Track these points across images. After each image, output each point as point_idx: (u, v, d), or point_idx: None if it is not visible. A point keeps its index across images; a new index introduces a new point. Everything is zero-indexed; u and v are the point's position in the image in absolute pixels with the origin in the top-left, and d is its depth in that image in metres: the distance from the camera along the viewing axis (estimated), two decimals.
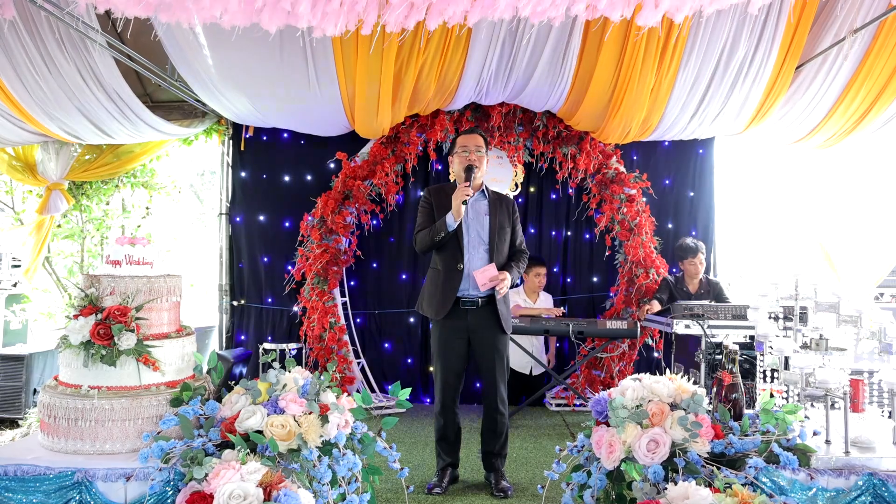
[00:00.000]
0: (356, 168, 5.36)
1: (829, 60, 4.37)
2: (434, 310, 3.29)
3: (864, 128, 4.88)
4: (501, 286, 3.20)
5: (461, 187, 3.15)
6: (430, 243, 3.24)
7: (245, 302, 5.69)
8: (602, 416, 2.49)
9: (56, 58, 3.92)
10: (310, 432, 2.27)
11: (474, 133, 3.39)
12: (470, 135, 3.38)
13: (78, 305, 2.46)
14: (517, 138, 5.46)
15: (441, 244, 3.25)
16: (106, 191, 5.77)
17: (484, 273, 3.19)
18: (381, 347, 5.63)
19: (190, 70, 4.47)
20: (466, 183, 3.17)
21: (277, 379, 2.44)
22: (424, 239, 3.27)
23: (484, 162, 3.34)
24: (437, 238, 3.20)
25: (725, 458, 2.24)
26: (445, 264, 3.28)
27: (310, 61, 4.40)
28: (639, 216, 5.37)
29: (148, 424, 2.40)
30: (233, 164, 5.73)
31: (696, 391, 2.36)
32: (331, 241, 5.27)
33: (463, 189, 3.13)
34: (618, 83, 4.54)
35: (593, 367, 5.39)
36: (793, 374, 2.57)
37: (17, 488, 2.17)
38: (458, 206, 3.14)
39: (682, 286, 5.08)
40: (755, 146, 5.77)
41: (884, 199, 5.59)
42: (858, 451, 2.30)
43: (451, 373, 3.31)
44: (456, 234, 3.24)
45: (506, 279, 3.21)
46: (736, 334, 3.98)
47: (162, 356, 2.48)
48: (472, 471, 3.64)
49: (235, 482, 1.97)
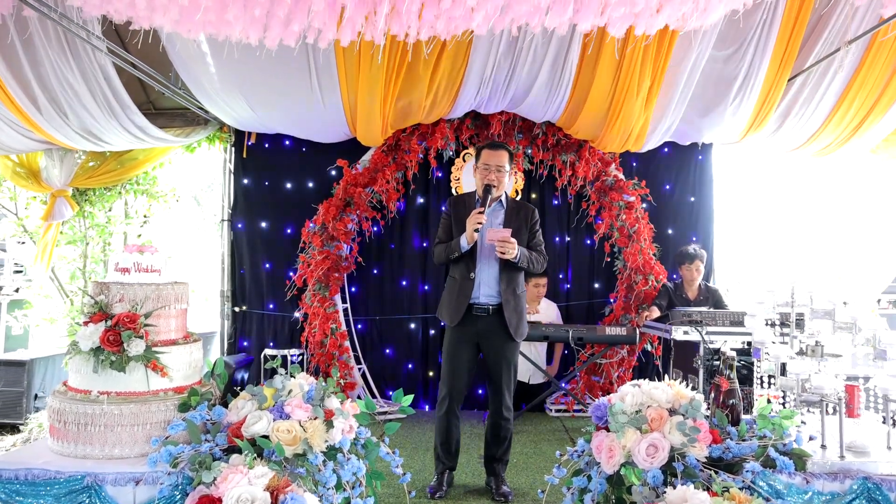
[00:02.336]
0: (357, 175, 5.41)
1: (823, 71, 4.43)
2: (449, 316, 3.36)
3: (862, 136, 4.94)
4: (504, 247, 3.15)
5: (475, 214, 3.19)
6: (446, 259, 3.35)
7: (247, 308, 5.72)
8: (602, 422, 2.53)
9: (61, 66, 3.97)
10: (315, 437, 2.31)
11: (500, 149, 3.35)
12: (495, 150, 3.33)
13: (88, 312, 2.49)
14: (517, 146, 5.51)
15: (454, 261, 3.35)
16: (109, 197, 5.80)
17: (497, 232, 3.21)
18: (382, 353, 5.67)
19: (193, 78, 4.53)
20: (481, 209, 3.20)
21: (283, 385, 2.48)
22: (441, 254, 3.38)
23: (505, 178, 3.34)
24: (451, 256, 3.31)
25: (723, 462, 2.28)
26: (460, 273, 3.36)
27: (312, 69, 4.46)
28: (637, 223, 5.42)
29: (156, 429, 2.43)
30: (235, 171, 5.79)
31: (694, 397, 2.40)
32: (332, 248, 5.31)
33: (476, 217, 3.18)
34: (616, 93, 4.60)
35: (593, 373, 5.43)
36: (789, 380, 2.62)
37: (27, 492, 2.20)
38: (471, 233, 3.20)
39: (681, 293, 5.13)
40: (754, 154, 5.83)
41: (883, 207, 5.64)
42: (853, 455, 2.34)
43: (458, 378, 3.36)
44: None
45: (513, 245, 3.17)
46: (734, 340, 4.02)
47: (170, 362, 2.52)
48: (472, 475, 3.67)
49: (243, 486, 2.01)
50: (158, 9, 2.69)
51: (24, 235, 5.82)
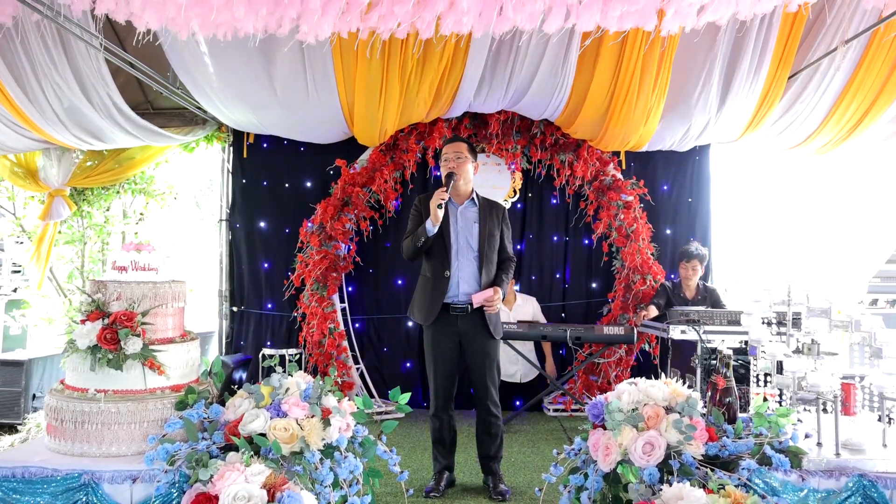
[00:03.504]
0: (355, 175, 5.41)
1: (821, 70, 4.44)
2: (423, 315, 3.35)
3: (860, 135, 4.95)
4: (493, 305, 3.28)
5: (437, 192, 3.21)
6: (414, 249, 3.31)
7: (245, 307, 5.73)
8: (599, 420, 2.54)
9: (59, 65, 3.97)
10: (312, 435, 2.31)
11: (456, 141, 3.45)
12: (451, 143, 3.44)
13: (85, 310, 2.49)
14: (515, 145, 5.52)
15: (424, 250, 3.31)
16: (107, 196, 5.80)
17: (478, 296, 3.28)
18: (380, 353, 5.67)
19: (191, 78, 4.53)
20: (444, 188, 3.23)
21: (280, 383, 2.49)
22: (409, 246, 3.35)
23: (467, 167, 3.37)
24: (418, 244, 3.27)
25: (719, 460, 2.28)
26: (434, 271, 3.34)
27: (309, 70, 4.47)
28: (635, 222, 5.43)
29: (153, 427, 2.43)
30: (233, 171, 5.79)
31: (690, 395, 2.41)
32: (330, 248, 5.32)
33: (439, 194, 3.20)
34: (615, 92, 4.61)
35: (591, 373, 5.43)
36: (785, 379, 2.62)
37: (24, 490, 2.20)
38: (434, 211, 3.19)
39: (679, 292, 5.14)
40: (751, 152, 5.84)
41: (875, 205, 5.67)
42: (849, 453, 2.35)
43: (443, 375, 3.36)
44: (444, 241, 3.30)
45: (498, 295, 3.29)
46: (731, 339, 4.03)
47: (167, 360, 2.52)
48: (469, 474, 3.68)
49: (240, 484, 2.01)
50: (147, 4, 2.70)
51: (22, 235, 5.82)
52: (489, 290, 3.29)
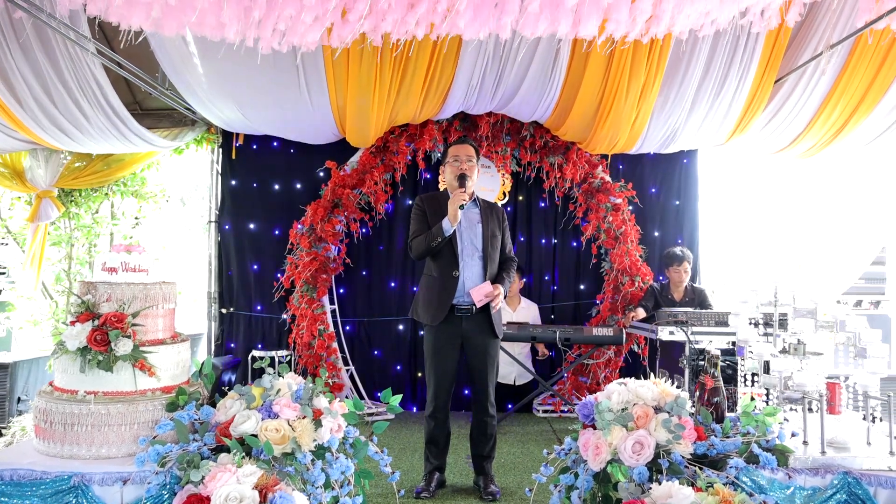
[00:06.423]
0: (345, 177, 5.41)
1: (807, 74, 4.50)
2: (430, 316, 3.34)
3: (844, 138, 5.02)
4: (496, 301, 3.29)
5: (457, 193, 3.22)
6: (427, 248, 3.29)
7: (234, 309, 5.70)
8: (589, 420, 2.56)
9: (44, 65, 3.94)
10: (303, 436, 2.31)
11: (465, 143, 3.47)
12: (461, 145, 3.46)
13: (75, 312, 2.48)
14: (504, 148, 5.55)
15: (437, 250, 3.31)
16: (95, 198, 5.76)
17: (479, 290, 3.27)
18: (370, 355, 5.67)
19: (181, 78, 4.50)
20: (462, 189, 3.25)
21: (271, 384, 2.48)
22: (421, 245, 3.32)
23: (475, 171, 3.42)
24: (433, 244, 3.26)
25: (707, 458, 2.31)
26: (441, 271, 3.34)
27: (300, 71, 4.46)
28: (624, 225, 5.47)
29: (144, 429, 2.42)
30: (222, 173, 5.76)
31: (679, 395, 2.44)
32: (320, 249, 5.31)
33: (459, 195, 3.21)
34: (604, 95, 4.65)
35: (580, 374, 5.46)
36: (772, 378, 2.66)
37: (13, 493, 2.18)
38: (454, 212, 3.20)
39: (667, 293, 5.18)
40: (738, 156, 5.91)
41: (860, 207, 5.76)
42: (834, 451, 2.39)
43: (445, 377, 3.36)
44: (451, 241, 3.31)
45: (500, 293, 3.30)
46: (719, 340, 4.07)
47: (157, 362, 2.51)
48: (459, 475, 3.69)
49: (232, 485, 2.01)
50: (135, 5, 2.69)
51: (7, 237, 5.76)
52: (487, 284, 3.28)
